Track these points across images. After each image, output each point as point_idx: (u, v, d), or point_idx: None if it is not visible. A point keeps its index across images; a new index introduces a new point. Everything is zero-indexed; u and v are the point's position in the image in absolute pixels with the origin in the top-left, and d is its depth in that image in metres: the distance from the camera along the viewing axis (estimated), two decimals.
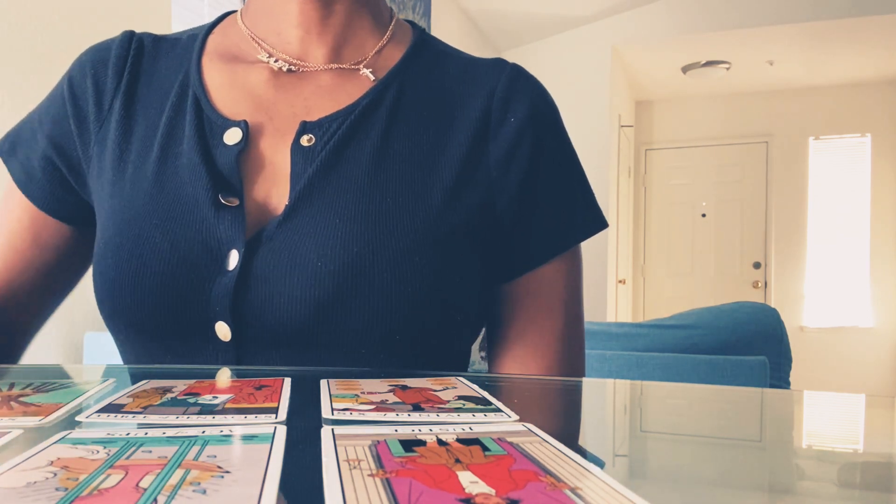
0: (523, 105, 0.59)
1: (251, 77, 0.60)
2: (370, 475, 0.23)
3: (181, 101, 0.58)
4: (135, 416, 0.32)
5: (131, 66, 0.61)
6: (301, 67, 0.60)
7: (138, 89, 0.60)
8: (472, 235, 0.56)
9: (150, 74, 0.61)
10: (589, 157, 4.65)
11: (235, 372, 0.46)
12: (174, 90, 0.59)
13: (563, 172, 0.62)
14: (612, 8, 4.52)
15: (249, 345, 0.52)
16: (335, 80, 0.60)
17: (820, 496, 0.25)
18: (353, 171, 0.54)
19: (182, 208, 0.54)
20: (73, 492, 0.21)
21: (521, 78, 0.61)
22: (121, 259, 0.53)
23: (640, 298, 5.92)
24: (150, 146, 0.57)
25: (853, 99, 5.43)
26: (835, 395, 0.49)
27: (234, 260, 0.51)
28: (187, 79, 0.60)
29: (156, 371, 0.48)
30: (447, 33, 4.03)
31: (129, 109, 0.59)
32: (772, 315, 2.02)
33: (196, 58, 0.61)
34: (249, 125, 0.56)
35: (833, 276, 5.50)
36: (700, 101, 5.80)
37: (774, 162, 5.60)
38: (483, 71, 0.61)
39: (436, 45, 0.64)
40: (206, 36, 0.63)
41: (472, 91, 0.60)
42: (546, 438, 0.28)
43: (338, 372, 0.44)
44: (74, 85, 0.61)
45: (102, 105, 0.60)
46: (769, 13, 4.35)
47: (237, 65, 0.60)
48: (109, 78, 0.60)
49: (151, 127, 0.58)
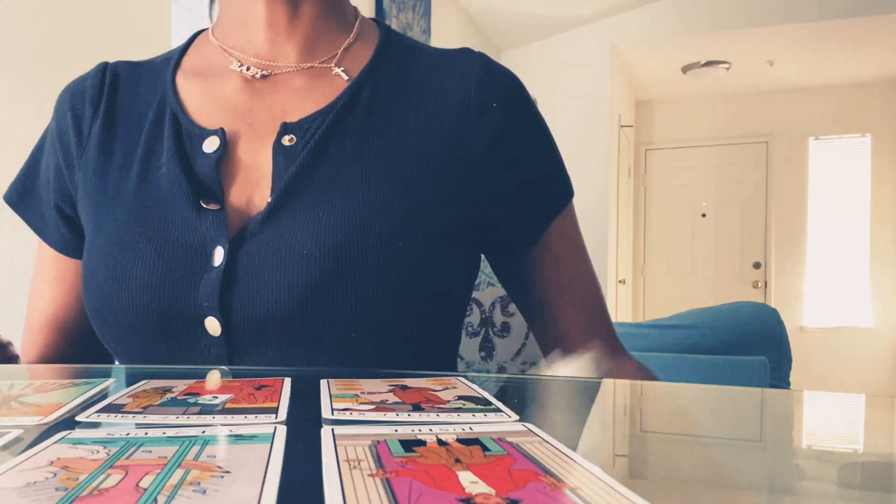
0: (501, 91, 0.61)
1: (226, 88, 0.62)
2: (370, 475, 0.23)
3: (159, 119, 0.60)
4: (135, 416, 0.32)
5: (108, 93, 0.63)
6: (273, 70, 0.62)
7: (116, 113, 0.63)
8: (458, 219, 0.57)
9: (127, 99, 0.63)
10: (589, 157, 4.65)
11: (234, 372, 0.46)
12: (152, 110, 0.61)
13: (543, 146, 0.64)
14: (612, 8, 4.52)
15: (240, 338, 0.53)
16: (308, 82, 0.61)
17: (820, 496, 0.25)
18: (336, 167, 0.55)
19: (164, 215, 0.55)
20: (73, 492, 0.21)
21: (493, 65, 0.64)
22: (107, 269, 0.54)
23: (640, 298, 5.92)
24: (131, 163, 0.59)
25: (853, 99, 5.42)
26: (835, 395, 0.49)
27: (219, 256, 0.53)
28: (164, 98, 0.62)
29: (156, 371, 0.48)
30: (447, 33, 4.03)
31: (108, 133, 0.62)
32: (772, 315, 2.02)
33: (171, 77, 0.63)
34: (227, 132, 0.58)
35: (833, 276, 5.50)
36: (700, 101, 5.80)
37: (774, 162, 5.60)
38: (454, 62, 0.63)
39: (403, 41, 0.66)
40: (181, 57, 0.66)
41: (446, 83, 0.61)
42: (546, 438, 0.28)
43: (338, 372, 0.44)
44: (58, 122, 0.64)
45: (82, 132, 0.62)
46: (769, 13, 4.35)
47: (211, 79, 0.63)
48: (87, 106, 0.63)
49: (131, 146, 0.60)
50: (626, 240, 5.48)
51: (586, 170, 4.57)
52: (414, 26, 3.53)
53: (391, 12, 3.29)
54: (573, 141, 4.56)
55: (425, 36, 3.66)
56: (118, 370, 0.49)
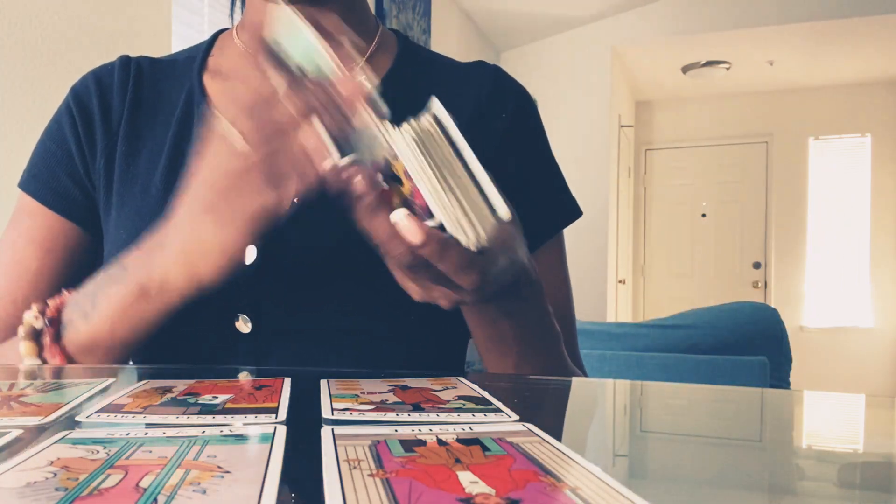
0: (511, 103, 0.64)
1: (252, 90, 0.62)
2: (370, 475, 0.23)
3: (186, 118, 0.61)
4: (135, 416, 0.32)
5: (134, 88, 0.64)
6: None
7: (142, 109, 0.63)
8: None
9: (152, 95, 0.64)
10: (589, 157, 4.65)
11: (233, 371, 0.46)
12: (179, 107, 0.62)
13: (546, 164, 0.66)
14: (612, 8, 4.52)
15: (270, 334, 0.54)
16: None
17: (820, 496, 0.25)
18: None
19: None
20: (73, 492, 0.21)
21: (505, 78, 0.66)
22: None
23: (640, 298, 5.92)
24: (157, 160, 0.60)
25: (853, 99, 5.42)
26: (835, 395, 0.49)
27: (251, 254, 0.54)
28: (191, 96, 0.62)
29: (155, 371, 0.48)
30: (447, 33, 4.03)
31: (135, 128, 0.62)
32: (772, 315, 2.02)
33: (197, 76, 0.64)
34: None
35: (833, 276, 5.50)
36: (700, 101, 5.80)
37: (774, 162, 5.60)
38: (468, 73, 0.66)
39: (421, 52, 0.68)
40: (205, 56, 0.66)
41: (460, 92, 0.64)
42: (546, 438, 0.28)
43: (338, 372, 0.44)
44: (81, 104, 0.63)
45: (111, 123, 0.63)
46: (769, 13, 4.35)
47: (238, 80, 0.63)
48: (115, 98, 0.63)
49: (158, 143, 0.61)
50: (626, 240, 5.48)
51: (586, 170, 4.57)
52: (414, 26, 3.53)
53: (391, 12, 3.29)
54: (573, 141, 4.56)
55: (425, 36, 3.66)
56: (118, 370, 0.49)
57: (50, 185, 0.63)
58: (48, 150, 0.64)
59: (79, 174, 0.62)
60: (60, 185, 0.62)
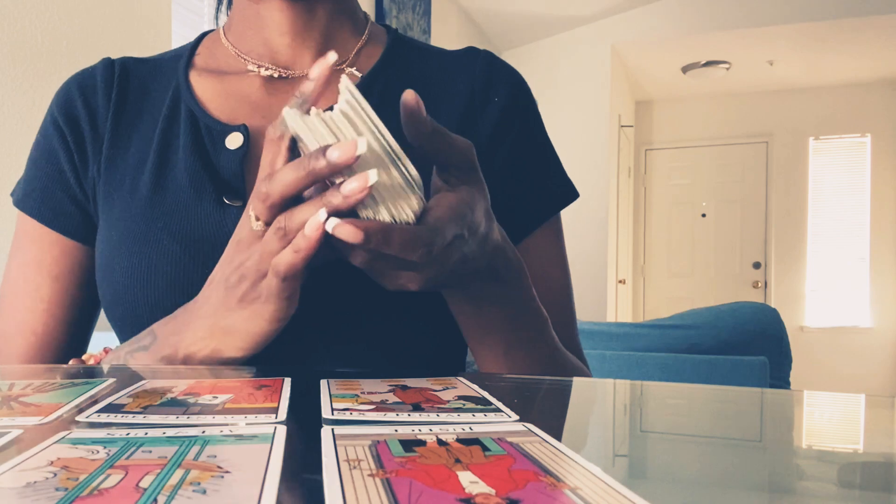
0: (504, 87, 0.64)
1: (243, 86, 0.62)
2: (370, 475, 0.23)
3: (174, 115, 0.61)
4: (135, 416, 0.32)
5: (118, 88, 0.63)
6: (290, 75, 0.63)
7: (128, 108, 0.63)
8: None
9: (137, 94, 0.64)
10: (589, 157, 4.65)
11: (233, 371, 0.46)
12: (165, 105, 0.62)
13: (541, 146, 0.65)
14: (612, 8, 4.52)
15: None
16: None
17: (820, 496, 0.25)
18: None
19: (185, 211, 0.56)
20: (73, 492, 0.21)
21: (496, 62, 0.66)
22: (131, 264, 0.55)
23: (640, 298, 5.92)
24: (145, 158, 0.59)
25: (853, 99, 5.42)
26: (835, 395, 0.49)
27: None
28: (178, 94, 0.62)
29: (156, 371, 0.48)
30: (447, 33, 4.03)
31: (121, 127, 0.62)
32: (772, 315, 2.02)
33: (183, 74, 0.63)
34: (249, 129, 0.58)
35: (833, 276, 5.50)
36: (700, 101, 5.80)
37: (774, 162, 5.60)
38: (459, 60, 0.66)
39: (410, 43, 0.68)
40: (192, 55, 0.66)
41: (452, 79, 0.64)
42: (546, 438, 0.28)
43: (338, 372, 0.44)
44: (67, 114, 0.63)
45: (97, 126, 0.62)
46: (769, 13, 4.35)
47: (228, 77, 0.63)
48: (100, 99, 0.63)
49: (145, 141, 0.60)
50: (626, 240, 5.48)
51: (586, 170, 4.57)
52: (414, 26, 3.53)
53: (391, 12, 3.29)
54: (573, 141, 4.56)
55: (425, 36, 3.66)
56: (118, 370, 0.49)
57: (48, 203, 0.62)
58: (40, 168, 0.63)
59: (73, 189, 0.62)
60: (57, 203, 0.62)
